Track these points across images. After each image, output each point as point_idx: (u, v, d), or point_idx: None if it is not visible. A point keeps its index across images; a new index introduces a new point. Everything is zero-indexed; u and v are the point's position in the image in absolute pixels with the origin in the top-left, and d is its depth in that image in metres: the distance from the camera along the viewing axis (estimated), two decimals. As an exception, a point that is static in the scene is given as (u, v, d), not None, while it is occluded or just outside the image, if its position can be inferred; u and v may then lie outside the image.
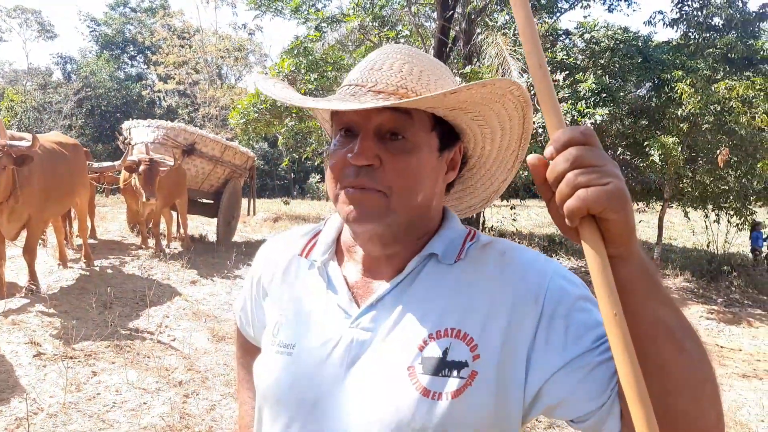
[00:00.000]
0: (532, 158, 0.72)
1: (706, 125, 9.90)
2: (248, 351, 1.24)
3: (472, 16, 10.86)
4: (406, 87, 0.89)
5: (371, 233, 0.92)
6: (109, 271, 7.20)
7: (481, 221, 11.63)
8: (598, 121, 8.51)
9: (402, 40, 10.82)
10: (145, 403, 3.79)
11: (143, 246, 8.87)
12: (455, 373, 0.83)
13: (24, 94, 29.35)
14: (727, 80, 9.77)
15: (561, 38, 12.47)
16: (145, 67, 41.36)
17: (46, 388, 3.83)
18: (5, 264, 5.80)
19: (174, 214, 10.14)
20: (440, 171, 0.94)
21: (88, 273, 6.89)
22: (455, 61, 11.30)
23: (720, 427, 0.76)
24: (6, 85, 33.95)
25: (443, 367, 0.84)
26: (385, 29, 10.36)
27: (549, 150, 0.70)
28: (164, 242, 9.38)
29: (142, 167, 7.54)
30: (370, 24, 10.22)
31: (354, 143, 0.87)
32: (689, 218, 11.35)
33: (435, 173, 0.92)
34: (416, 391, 0.83)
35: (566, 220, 0.69)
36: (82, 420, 3.48)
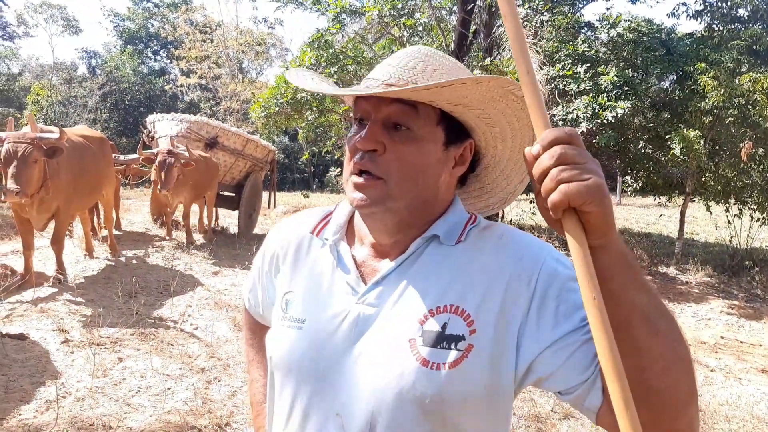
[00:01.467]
0: (526, 151, 0.79)
1: (730, 118, 9.75)
2: (257, 332, 1.32)
3: (493, 9, 10.81)
4: (415, 82, 0.95)
5: (375, 217, 0.99)
6: (134, 261, 7.36)
7: (500, 215, 11.62)
8: (619, 114, 8.43)
9: (420, 28, 10.80)
10: (168, 389, 3.90)
11: (167, 237, 9.02)
12: (453, 345, 0.90)
13: (50, 88, 29.82)
14: (751, 73, 9.61)
15: (583, 30, 12.35)
16: (168, 61, 41.73)
17: (73, 373, 3.96)
18: (34, 254, 5.97)
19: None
20: (446, 164, 1.00)
21: (113, 263, 7.05)
22: (475, 53, 11.27)
23: (692, 401, 0.83)
24: (33, 80, 34.53)
25: (442, 340, 0.91)
26: (402, 18, 10.34)
27: (536, 147, 0.77)
28: (196, 235, 9.55)
29: (158, 158, 7.67)
30: (389, 14, 10.21)
31: (364, 130, 0.95)
32: (711, 212, 11.21)
33: (439, 165, 0.99)
34: (416, 361, 0.90)
35: (550, 212, 0.76)
36: (109, 404, 3.60)
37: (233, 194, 10.99)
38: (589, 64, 9.66)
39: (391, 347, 0.92)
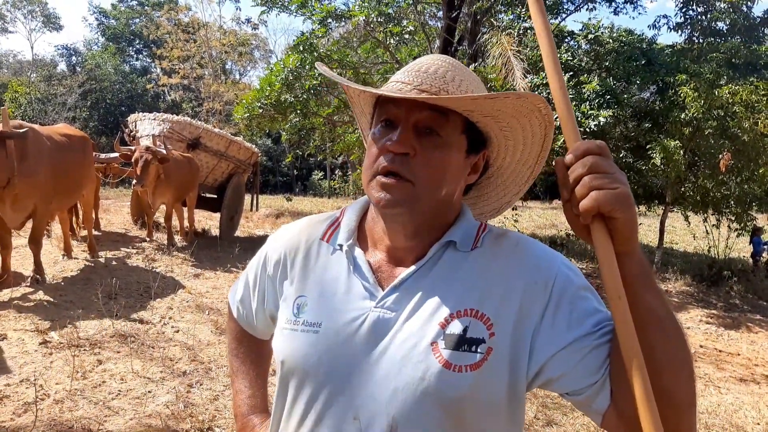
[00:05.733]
0: (558, 160, 0.84)
1: (709, 130, 9.91)
2: (243, 342, 1.31)
3: (478, 16, 10.87)
4: (447, 90, 0.97)
5: (398, 218, 1.00)
6: (114, 262, 7.26)
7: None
8: (601, 123, 8.52)
9: (407, 36, 10.84)
10: (149, 392, 3.84)
11: (148, 238, 8.92)
12: (474, 348, 0.92)
13: (28, 85, 29.34)
14: (730, 85, 9.78)
15: (566, 40, 12.48)
16: (150, 60, 41.36)
17: (52, 375, 3.88)
18: (11, 253, 5.85)
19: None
20: (464, 171, 1.03)
21: (92, 264, 6.95)
22: (460, 60, 11.32)
23: (694, 403, 0.88)
24: (11, 77, 33.98)
25: (463, 343, 0.93)
26: (389, 25, 10.36)
27: (569, 157, 0.82)
28: (177, 237, 9.46)
29: (135, 155, 7.63)
30: (375, 20, 10.23)
31: (394, 133, 0.96)
32: (689, 222, 11.37)
33: (460, 172, 1.02)
34: (439, 363, 0.91)
35: (581, 218, 0.81)
36: (88, 407, 3.53)
37: (215, 196, 10.91)
38: (572, 73, 9.77)
39: (413, 350, 0.94)
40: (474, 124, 1.00)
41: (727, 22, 14.59)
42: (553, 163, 0.85)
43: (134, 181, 7.66)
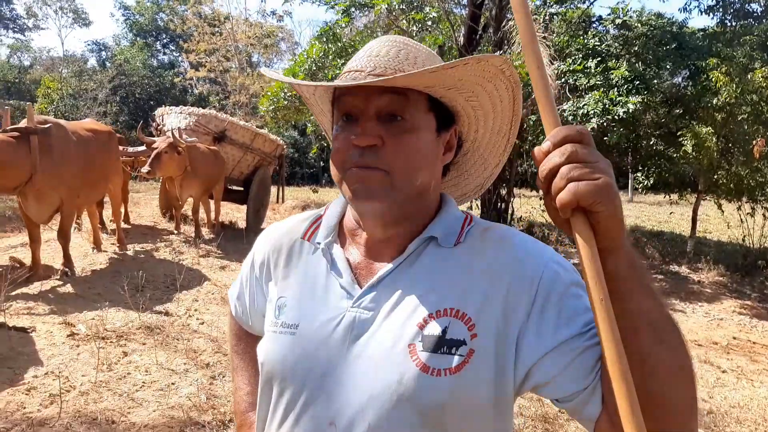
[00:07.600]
0: (536, 150, 0.76)
1: (743, 115, 9.62)
2: (242, 338, 1.29)
3: (503, 3, 10.72)
4: (403, 70, 0.92)
5: (375, 211, 0.95)
6: (142, 255, 7.35)
7: (510, 211, 11.49)
8: (631, 110, 8.33)
9: (430, 23, 10.73)
10: (173, 384, 3.88)
11: (176, 231, 9.02)
12: (454, 350, 0.87)
13: (60, 81, 29.89)
14: (764, 69, 9.47)
15: (594, 24, 12.23)
16: (177, 54, 41.76)
17: (78, 367, 3.94)
18: (41, 247, 5.96)
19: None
20: (438, 151, 0.98)
21: (120, 257, 7.05)
22: (485, 47, 11.18)
23: (693, 413, 0.82)
24: (43, 73, 34.64)
25: (442, 344, 0.87)
26: (411, 12, 10.26)
27: (546, 144, 0.74)
28: (204, 230, 9.54)
29: (155, 143, 7.71)
30: (398, 7, 10.15)
31: (356, 127, 0.91)
32: (722, 211, 11.07)
33: (433, 153, 0.96)
34: (416, 367, 0.86)
35: (559, 212, 0.73)
36: (113, 398, 3.58)
37: (241, 189, 10.98)
38: (599, 59, 9.56)
39: (390, 352, 0.89)
40: (438, 100, 0.95)
41: (762, 4, 14.14)
42: (532, 153, 0.78)
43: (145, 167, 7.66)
